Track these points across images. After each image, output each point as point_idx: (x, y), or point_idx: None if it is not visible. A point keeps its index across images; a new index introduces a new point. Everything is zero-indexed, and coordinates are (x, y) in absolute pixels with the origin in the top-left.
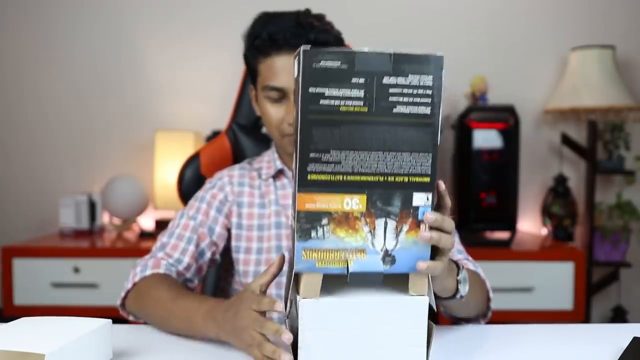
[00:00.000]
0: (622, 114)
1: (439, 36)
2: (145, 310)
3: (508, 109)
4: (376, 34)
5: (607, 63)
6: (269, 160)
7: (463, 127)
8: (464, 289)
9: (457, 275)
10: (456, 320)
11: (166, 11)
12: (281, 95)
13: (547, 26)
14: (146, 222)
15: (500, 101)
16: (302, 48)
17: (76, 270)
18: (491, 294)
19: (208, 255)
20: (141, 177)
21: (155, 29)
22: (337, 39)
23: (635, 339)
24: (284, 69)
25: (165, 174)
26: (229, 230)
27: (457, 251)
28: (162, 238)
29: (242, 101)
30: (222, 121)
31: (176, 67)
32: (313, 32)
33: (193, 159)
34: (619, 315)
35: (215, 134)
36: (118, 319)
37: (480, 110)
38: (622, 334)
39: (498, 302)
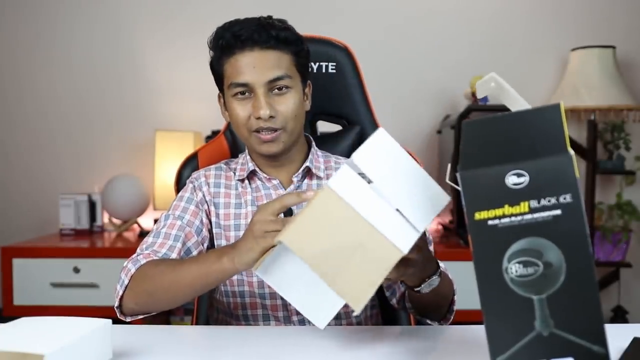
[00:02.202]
0: (622, 114)
1: (439, 36)
2: (151, 286)
3: (508, 109)
4: (378, 36)
5: (607, 63)
6: (243, 162)
7: None
8: (426, 289)
9: (433, 274)
10: (419, 316)
11: (165, 11)
12: (246, 90)
13: (547, 26)
14: (146, 222)
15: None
16: None
17: (76, 270)
18: (456, 297)
19: (194, 254)
20: (141, 177)
21: (154, 28)
22: (298, 39)
23: (635, 339)
24: (247, 65)
25: (165, 174)
26: (209, 231)
27: None
28: (148, 239)
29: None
30: (221, 121)
31: (175, 67)
32: (274, 29)
33: (191, 159)
34: (619, 316)
35: (215, 134)
36: (118, 319)
37: (480, 110)
38: (622, 335)
39: None
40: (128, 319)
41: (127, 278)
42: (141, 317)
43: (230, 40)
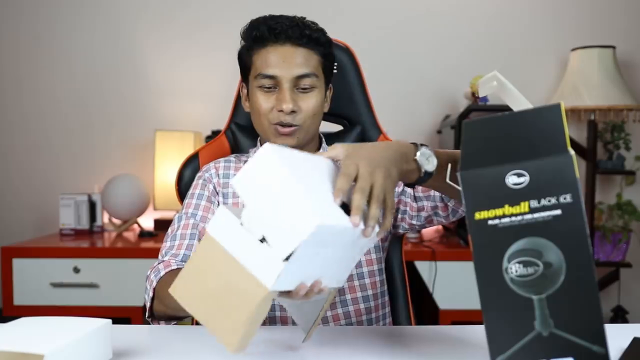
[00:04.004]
0: (622, 114)
1: (439, 36)
2: (172, 304)
3: (508, 109)
4: (378, 36)
5: (607, 63)
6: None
7: None
8: (428, 165)
9: (414, 156)
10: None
11: (166, 11)
12: (273, 83)
13: (547, 26)
14: (146, 222)
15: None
16: None
17: (76, 270)
18: None
19: None
20: (141, 177)
21: (154, 28)
22: (328, 42)
23: (635, 339)
24: (277, 58)
25: (165, 174)
26: None
27: None
28: (166, 244)
29: (241, 101)
30: (222, 121)
31: (176, 67)
32: (308, 29)
33: (192, 159)
34: (619, 316)
35: (215, 134)
36: (118, 319)
37: (480, 110)
38: (622, 334)
39: None
40: (162, 324)
41: (152, 290)
42: (175, 322)
43: (264, 32)
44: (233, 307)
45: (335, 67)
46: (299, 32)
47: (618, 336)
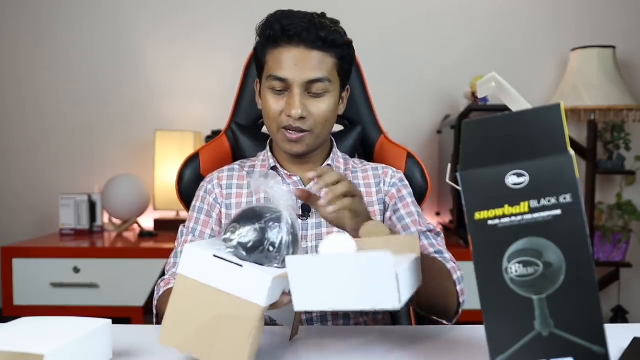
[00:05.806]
0: (622, 114)
1: (440, 37)
2: None
3: (508, 109)
4: (379, 36)
5: (607, 63)
6: (264, 158)
7: None
8: None
9: None
10: (426, 316)
11: (166, 11)
12: (283, 86)
13: (547, 26)
14: (146, 222)
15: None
16: None
17: (76, 270)
18: (459, 287)
19: None
20: (141, 177)
21: (155, 28)
22: (346, 44)
23: (635, 339)
24: (289, 61)
25: (165, 174)
26: None
27: (437, 252)
28: (170, 260)
29: (241, 101)
30: (222, 121)
31: (176, 67)
32: (324, 30)
33: (192, 159)
34: (619, 316)
35: (215, 134)
36: (118, 319)
37: (480, 110)
38: (622, 335)
39: None
40: None
41: (154, 308)
42: None
43: (277, 32)
44: (231, 334)
45: None
46: (314, 34)
47: (618, 336)
